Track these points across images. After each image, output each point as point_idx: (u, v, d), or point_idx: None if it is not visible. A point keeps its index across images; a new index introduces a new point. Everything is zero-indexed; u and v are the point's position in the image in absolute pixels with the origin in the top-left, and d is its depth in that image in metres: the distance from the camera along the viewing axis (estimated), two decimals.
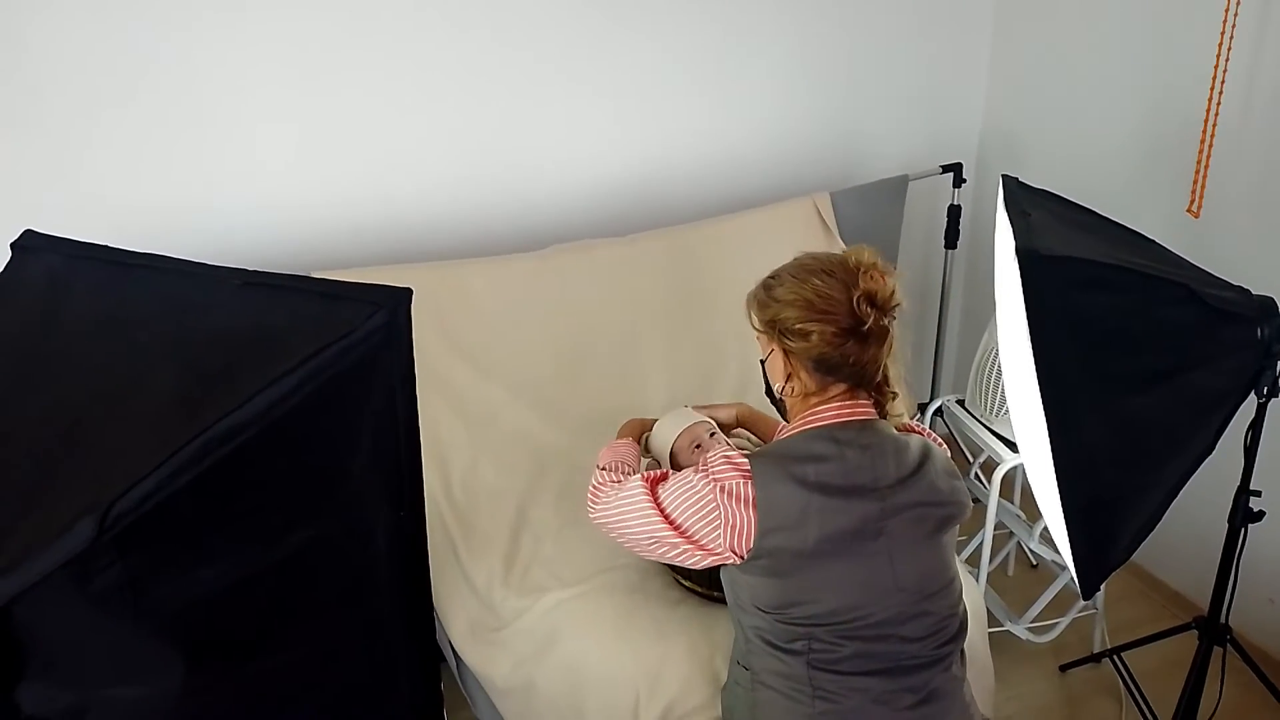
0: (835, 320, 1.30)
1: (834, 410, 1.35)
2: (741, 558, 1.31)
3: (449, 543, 1.95)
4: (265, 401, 0.88)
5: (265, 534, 0.94)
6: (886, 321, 1.33)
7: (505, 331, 2.14)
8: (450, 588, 1.87)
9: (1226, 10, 1.89)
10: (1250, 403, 1.57)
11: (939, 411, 2.34)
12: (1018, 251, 1.38)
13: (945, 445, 1.48)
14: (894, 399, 1.41)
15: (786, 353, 1.36)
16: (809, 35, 2.44)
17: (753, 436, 1.88)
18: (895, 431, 1.39)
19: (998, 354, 1.99)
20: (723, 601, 1.73)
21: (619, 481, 1.48)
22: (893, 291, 1.34)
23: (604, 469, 1.55)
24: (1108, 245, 1.58)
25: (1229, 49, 1.92)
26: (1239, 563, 1.75)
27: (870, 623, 1.31)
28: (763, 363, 1.45)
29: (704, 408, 1.80)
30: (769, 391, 1.46)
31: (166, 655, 0.89)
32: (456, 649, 1.83)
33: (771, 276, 1.41)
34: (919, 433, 1.47)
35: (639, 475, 1.45)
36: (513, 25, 2.15)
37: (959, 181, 2.52)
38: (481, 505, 2.01)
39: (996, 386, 2.11)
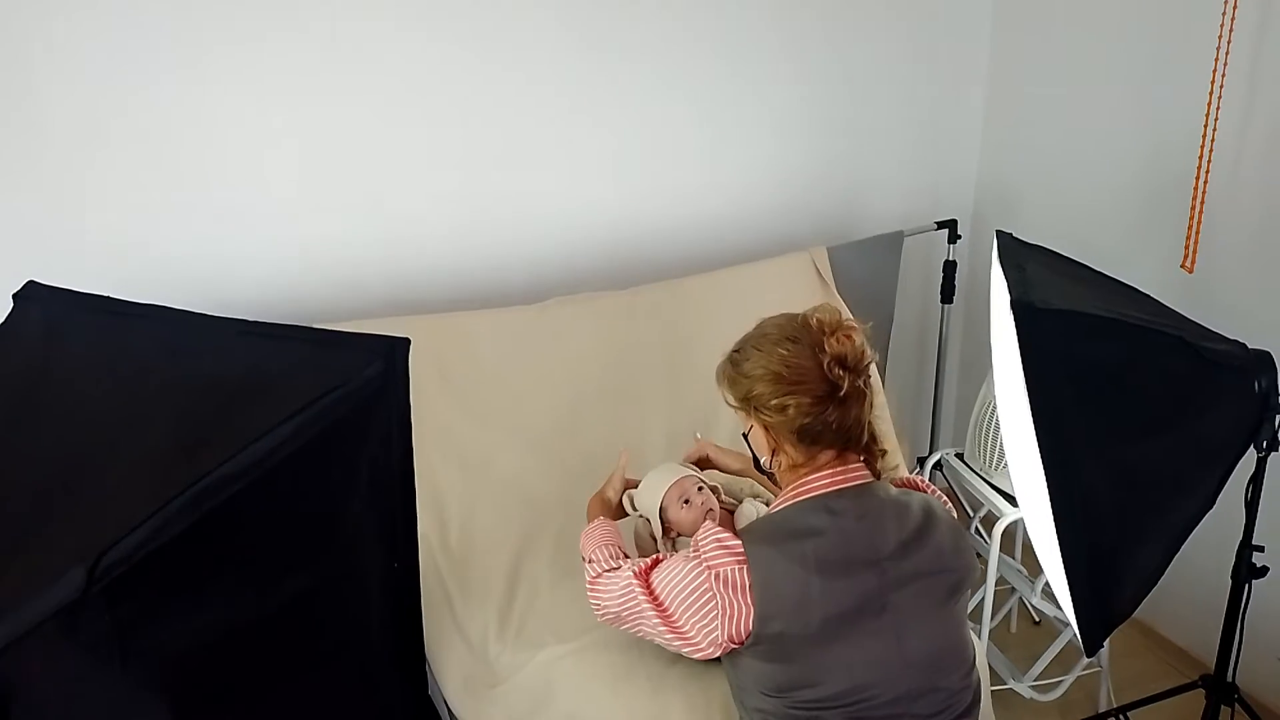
0: (809, 389, 1.26)
1: (825, 478, 1.31)
2: (741, 643, 1.27)
3: (444, 595, 1.93)
4: (260, 450, 0.88)
5: (258, 583, 0.93)
6: (862, 382, 1.29)
7: (504, 381, 2.14)
8: (445, 641, 1.85)
9: (1215, 69, 1.93)
10: (1250, 456, 1.56)
11: (938, 465, 2.33)
12: (1013, 304, 1.39)
13: (948, 499, 1.44)
14: (884, 455, 1.37)
15: (766, 427, 1.32)
16: (805, 92, 2.49)
17: (758, 486, 1.88)
18: (894, 491, 1.35)
19: (996, 407, 1.99)
20: (718, 660, 1.71)
21: (613, 569, 1.43)
22: (862, 350, 1.30)
23: (591, 561, 1.50)
24: (1102, 299, 1.59)
25: (1218, 106, 1.96)
26: (1244, 619, 1.72)
27: (880, 702, 1.26)
28: (745, 436, 1.41)
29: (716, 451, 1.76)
30: (757, 464, 1.41)
31: (154, 706, 0.88)
32: (451, 705, 1.80)
33: (736, 350, 1.37)
34: (922, 489, 1.43)
35: (630, 565, 1.40)
36: (514, 81, 2.19)
37: (954, 237, 2.54)
38: (478, 556, 1.99)
39: (995, 440, 2.11)
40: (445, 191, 2.23)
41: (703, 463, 1.87)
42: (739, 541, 1.27)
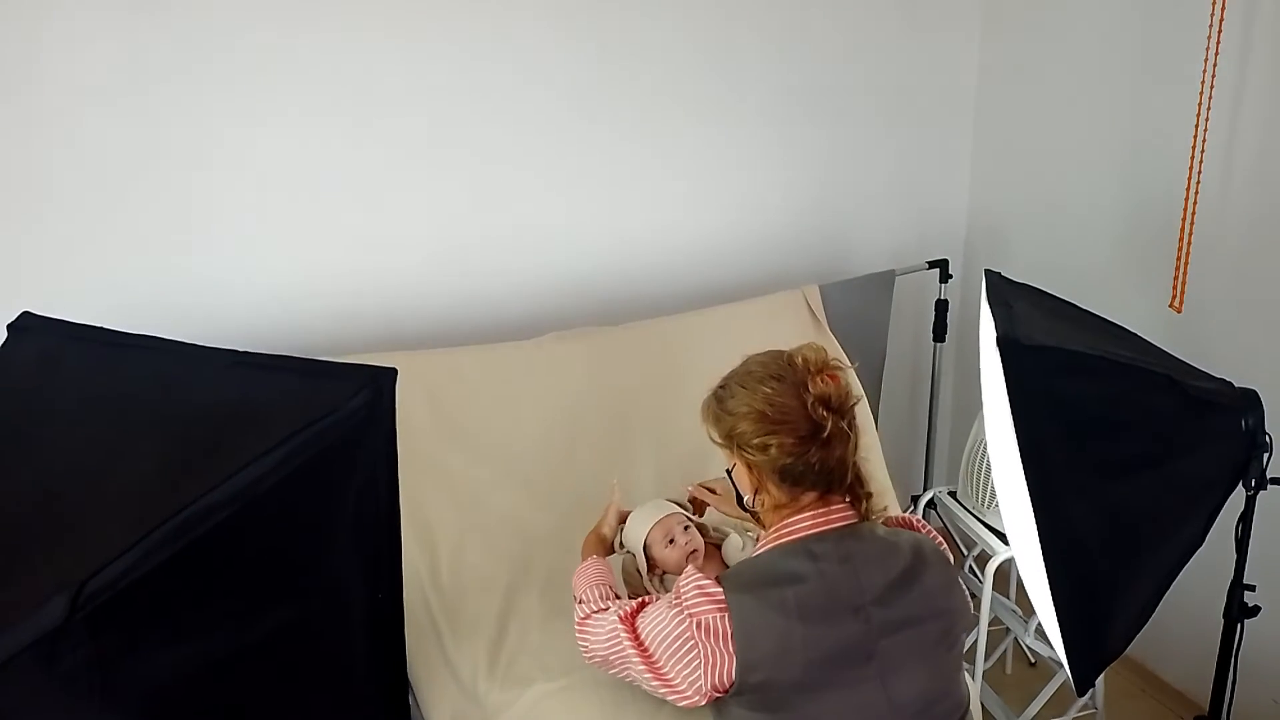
0: (793, 429, 1.25)
1: (808, 520, 1.29)
2: (725, 692, 1.25)
3: (434, 631, 1.91)
4: (245, 480, 0.88)
5: (241, 614, 0.93)
6: (846, 423, 1.27)
7: (496, 416, 2.14)
8: (434, 678, 1.83)
9: (1200, 109, 1.96)
10: (1240, 494, 1.57)
11: (931, 503, 2.33)
12: (999, 340, 1.40)
13: (942, 539, 1.41)
14: (870, 498, 1.34)
15: (749, 465, 1.31)
16: (798, 131, 2.52)
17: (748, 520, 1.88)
18: (881, 532, 1.32)
19: (987, 445, 1.99)
20: None
21: (602, 610, 1.42)
22: (847, 391, 1.29)
23: (581, 602, 1.49)
24: (1090, 337, 1.60)
25: (1203, 147, 1.99)
26: (1237, 659, 1.71)
27: None
28: (729, 473, 1.40)
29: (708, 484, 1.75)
30: (740, 502, 1.39)
31: None
32: None
33: (721, 386, 1.36)
34: (915, 528, 1.40)
35: (616, 608, 1.38)
36: (504, 121, 2.22)
37: (945, 277, 2.56)
38: (469, 592, 1.98)
39: (987, 478, 2.11)
40: (439, 228, 2.24)
41: (699, 507, 1.87)
42: (720, 589, 1.24)
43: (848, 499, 1.32)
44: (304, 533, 0.97)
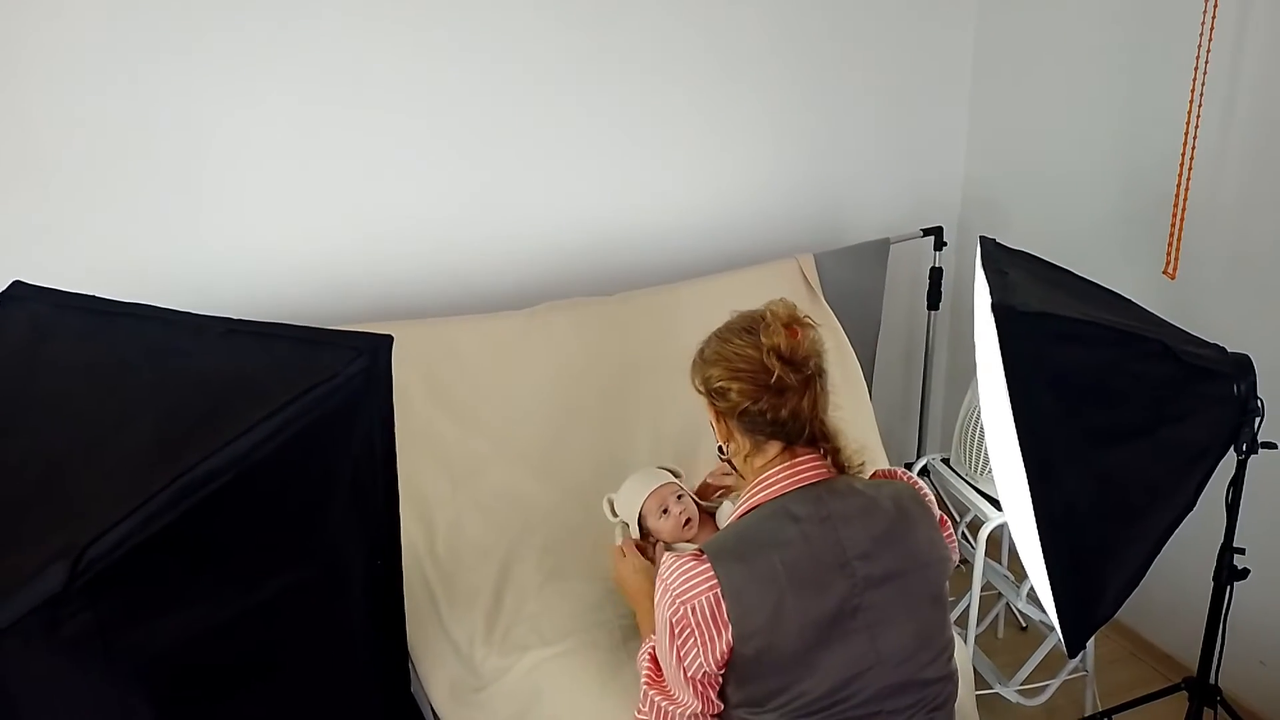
0: (751, 377, 1.29)
1: (782, 475, 1.31)
2: (723, 668, 1.27)
3: (431, 601, 1.92)
4: (242, 447, 0.88)
5: (240, 580, 0.94)
6: (801, 377, 1.29)
7: (492, 387, 2.14)
8: (431, 647, 1.84)
9: (1195, 77, 1.96)
10: (1231, 459, 1.58)
11: (924, 470, 2.34)
12: (994, 307, 1.40)
13: (923, 486, 1.42)
14: (838, 452, 1.34)
15: (717, 413, 1.36)
16: (792, 100, 2.51)
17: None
18: (859, 485, 1.33)
19: (980, 412, 2.00)
20: None
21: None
22: (807, 347, 1.31)
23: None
24: (1084, 303, 1.61)
25: (1199, 114, 1.98)
26: (1226, 622, 1.74)
27: (858, 701, 1.26)
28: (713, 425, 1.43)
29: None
30: (720, 452, 1.42)
31: (134, 704, 0.87)
32: (437, 710, 1.79)
33: (706, 340, 1.41)
34: (899, 478, 1.42)
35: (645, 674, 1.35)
36: (503, 88, 2.20)
37: (940, 244, 2.56)
38: (465, 562, 1.99)
39: (981, 444, 2.12)
40: (433, 197, 2.23)
41: (705, 490, 1.87)
42: (706, 565, 1.24)
43: (820, 452, 1.34)
44: (302, 499, 0.97)
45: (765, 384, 1.28)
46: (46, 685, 0.85)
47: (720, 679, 1.28)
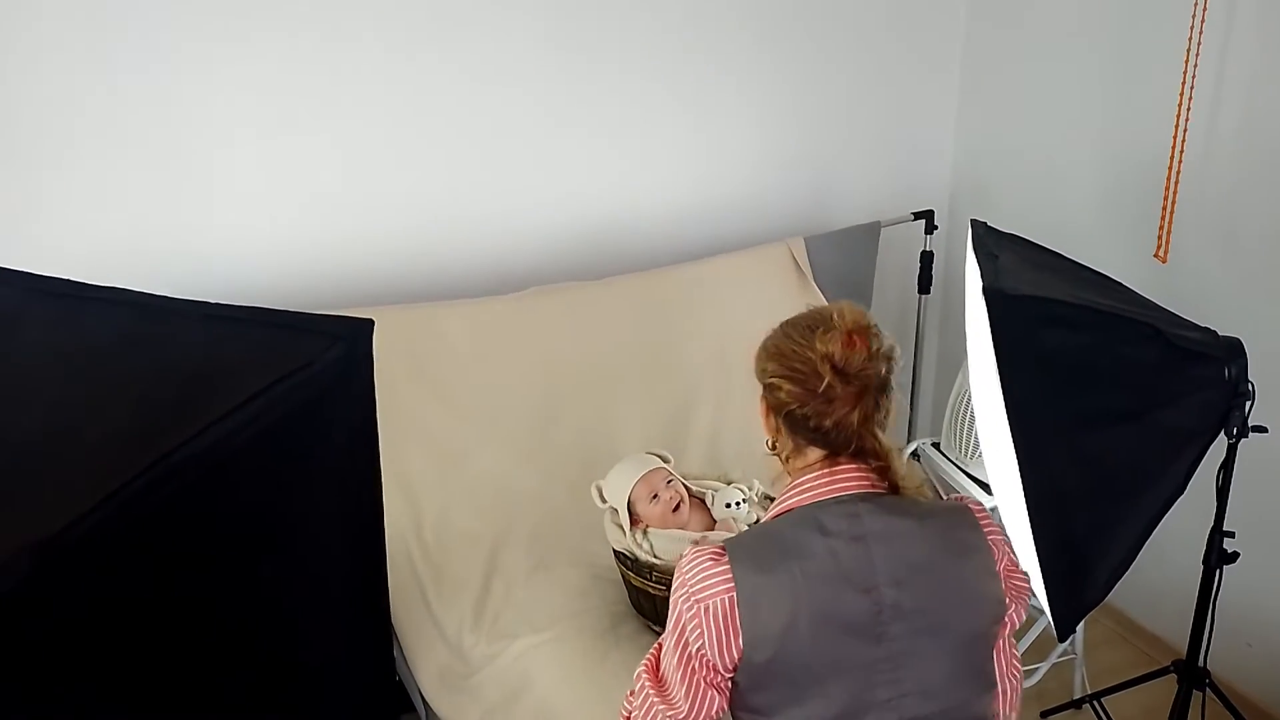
0: (802, 379, 1.22)
1: (820, 482, 1.24)
2: (731, 673, 1.20)
3: (419, 589, 1.91)
4: (215, 436, 0.86)
5: (216, 571, 0.92)
6: (853, 390, 1.21)
7: (479, 373, 2.13)
8: (420, 635, 1.83)
9: (1186, 60, 1.94)
10: (1221, 443, 1.57)
11: (915, 455, 2.34)
12: (985, 290, 1.38)
13: (994, 523, 1.29)
14: (886, 470, 1.25)
15: (768, 408, 1.29)
16: (781, 84, 2.48)
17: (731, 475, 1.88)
18: (910, 506, 1.24)
19: (971, 396, 1.99)
20: None
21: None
22: (859, 358, 1.22)
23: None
24: (1075, 286, 1.60)
25: (1190, 97, 1.97)
26: (1215, 605, 1.74)
27: None
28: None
29: None
30: (770, 443, 1.35)
31: (104, 701, 0.86)
32: (426, 698, 1.79)
33: (775, 328, 1.33)
34: (965, 505, 1.30)
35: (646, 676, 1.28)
36: (491, 70, 2.18)
37: (930, 228, 2.55)
38: (453, 550, 1.98)
39: (971, 428, 2.11)
40: (419, 181, 2.20)
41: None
42: (725, 567, 1.19)
43: (869, 465, 1.26)
44: (279, 490, 0.95)
45: (815, 389, 1.22)
46: (12, 676, 0.83)
47: (728, 684, 1.22)
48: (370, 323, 0.97)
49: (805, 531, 1.21)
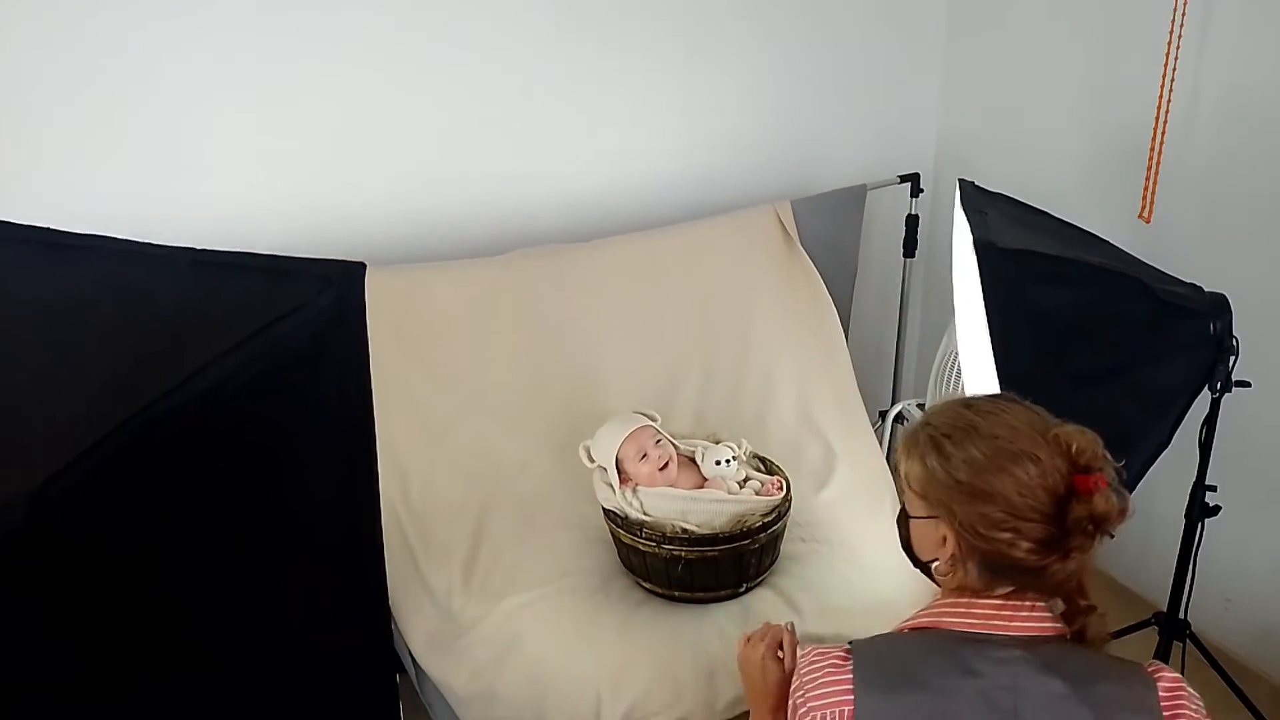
0: (1037, 532, 1.01)
1: (991, 612, 1.06)
2: None
3: (408, 553, 1.91)
4: (205, 383, 0.85)
5: (206, 522, 0.91)
6: (1094, 541, 1.03)
7: (465, 338, 2.11)
8: (409, 598, 1.83)
9: (1172, 21, 1.94)
10: (1205, 398, 1.59)
11: (899, 417, 2.35)
12: (976, 244, 1.39)
13: (1187, 701, 1.04)
14: (1089, 613, 1.08)
15: (959, 540, 1.07)
16: (766, 46, 2.46)
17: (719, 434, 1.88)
18: (1083, 666, 1.04)
19: (956, 357, 2.00)
20: (684, 601, 1.71)
21: None
22: (1118, 506, 1.02)
23: None
24: (1063, 243, 1.60)
25: (1175, 60, 1.97)
26: (1196, 560, 1.76)
27: None
28: (906, 518, 1.16)
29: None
30: (907, 549, 1.17)
31: (94, 650, 0.85)
32: (416, 659, 1.78)
33: (946, 433, 1.07)
34: (1155, 677, 1.05)
35: None
36: (481, 35, 2.14)
37: (916, 191, 2.54)
38: (441, 515, 1.97)
39: (956, 390, 2.12)
40: (404, 143, 2.17)
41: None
42: (848, 677, 1.04)
43: (1058, 608, 1.09)
44: (272, 437, 0.94)
45: (1053, 543, 1.01)
46: (4, 623, 0.82)
47: None
48: (362, 265, 0.96)
49: (949, 663, 1.03)
